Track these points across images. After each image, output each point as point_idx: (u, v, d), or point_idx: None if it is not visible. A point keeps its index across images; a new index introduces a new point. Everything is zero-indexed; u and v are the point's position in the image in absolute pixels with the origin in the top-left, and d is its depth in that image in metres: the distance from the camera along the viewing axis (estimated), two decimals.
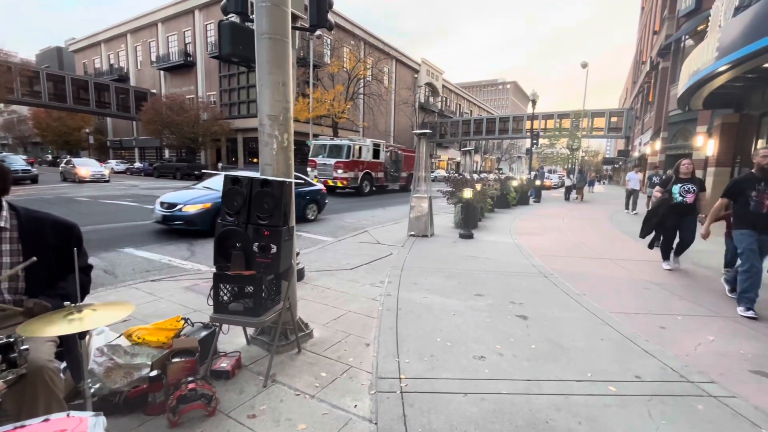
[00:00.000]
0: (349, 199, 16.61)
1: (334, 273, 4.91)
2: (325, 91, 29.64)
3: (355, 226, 9.27)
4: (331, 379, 2.42)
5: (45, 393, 1.37)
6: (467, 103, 65.86)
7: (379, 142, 20.81)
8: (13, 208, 1.69)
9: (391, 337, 3.01)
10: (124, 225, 8.25)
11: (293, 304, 2.84)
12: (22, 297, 1.66)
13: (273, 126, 2.73)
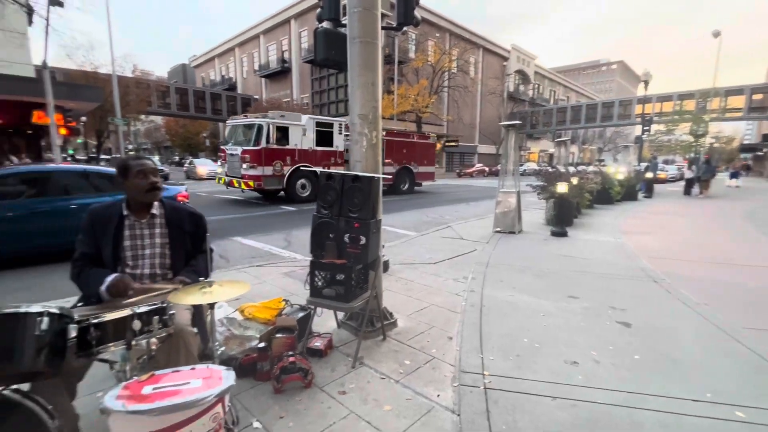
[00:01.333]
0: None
1: (417, 266, 4.99)
2: (409, 86, 29.86)
3: (439, 221, 9.25)
4: (414, 367, 2.50)
5: (184, 350, 1.68)
6: (563, 89, 60.47)
7: (332, 120, 13.37)
8: (160, 200, 2.09)
9: (474, 333, 2.98)
10: (232, 216, 9.42)
11: (379, 293, 2.99)
12: (167, 271, 2.05)
13: (363, 125, 2.89)
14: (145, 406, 0.93)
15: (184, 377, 1.08)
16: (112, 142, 31.74)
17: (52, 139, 14.12)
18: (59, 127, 14.36)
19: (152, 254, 2.00)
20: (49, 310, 1.30)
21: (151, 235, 2.02)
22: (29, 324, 1.24)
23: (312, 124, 12.45)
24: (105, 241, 1.90)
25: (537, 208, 10.16)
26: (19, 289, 4.23)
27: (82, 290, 1.87)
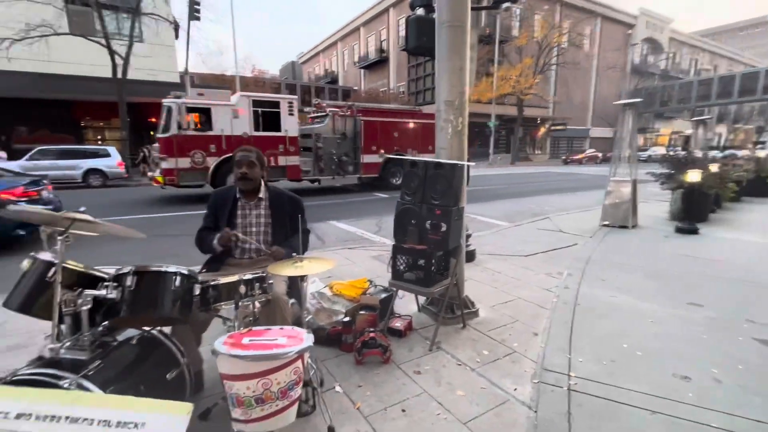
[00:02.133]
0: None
1: (506, 258, 4.79)
2: (511, 66, 27.96)
3: (535, 212, 8.64)
4: (492, 358, 2.46)
5: (280, 315, 1.94)
6: (709, 57, 49.98)
7: (277, 97, 10.63)
8: (265, 184, 2.40)
9: (563, 332, 2.78)
10: (330, 201, 10.16)
11: (460, 281, 2.98)
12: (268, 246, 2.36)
13: (449, 111, 2.86)
14: (242, 352, 1.13)
15: (274, 334, 1.28)
16: None
17: None
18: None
19: (257, 231, 2.34)
20: (181, 271, 1.63)
21: (257, 215, 2.35)
22: (168, 281, 1.58)
23: (246, 103, 9.76)
24: (222, 216, 2.28)
25: (660, 200, 8.76)
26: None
27: (201, 250, 2.29)
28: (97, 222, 1.52)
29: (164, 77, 18.09)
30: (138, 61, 15.38)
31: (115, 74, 14.73)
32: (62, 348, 1.43)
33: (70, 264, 1.53)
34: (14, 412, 1.19)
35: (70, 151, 13.67)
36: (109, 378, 1.40)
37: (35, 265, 1.55)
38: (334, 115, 11.41)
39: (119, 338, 1.63)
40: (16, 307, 1.52)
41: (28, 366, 1.38)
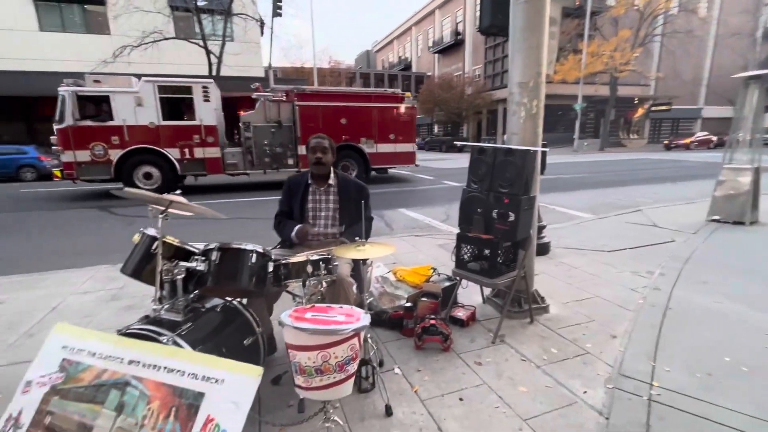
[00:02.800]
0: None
1: (586, 253, 4.41)
2: (604, 40, 25.04)
3: (625, 204, 7.77)
4: (561, 357, 2.31)
5: (343, 295, 2.05)
6: None
7: (189, 82, 9.31)
8: (335, 171, 2.51)
9: (649, 336, 2.50)
10: (400, 189, 10.25)
11: (529, 274, 2.83)
12: (337, 230, 2.48)
13: (522, 93, 2.69)
14: (304, 325, 1.23)
15: (334, 312, 1.36)
16: None
17: None
18: None
19: (326, 215, 2.47)
20: (257, 249, 1.80)
21: (326, 201, 2.48)
22: (246, 257, 1.76)
23: (151, 90, 8.65)
24: (295, 201, 2.45)
25: None
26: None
27: (279, 235, 2.48)
28: (189, 204, 1.75)
29: (251, 72, 19.64)
30: (229, 59, 16.90)
31: (211, 72, 16.38)
32: (162, 310, 1.69)
33: (168, 239, 1.78)
34: (127, 359, 1.44)
35: None
36: (197, 338, 1.62)
37: (143, 238, 1.84)
38: (264, 101, 9.83)
39: (207, 305, 1.87)
40: (129, 273, 1.82)
41: (138, 322, 1.65)
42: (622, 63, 24.51)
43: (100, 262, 4.20)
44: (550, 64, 3.27)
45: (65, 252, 4.92)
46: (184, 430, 1.27)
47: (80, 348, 1.50)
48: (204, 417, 1.27)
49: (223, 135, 9.94)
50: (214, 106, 9.34)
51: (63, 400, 1.43)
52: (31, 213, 7.66)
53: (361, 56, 65.45)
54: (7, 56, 16.51)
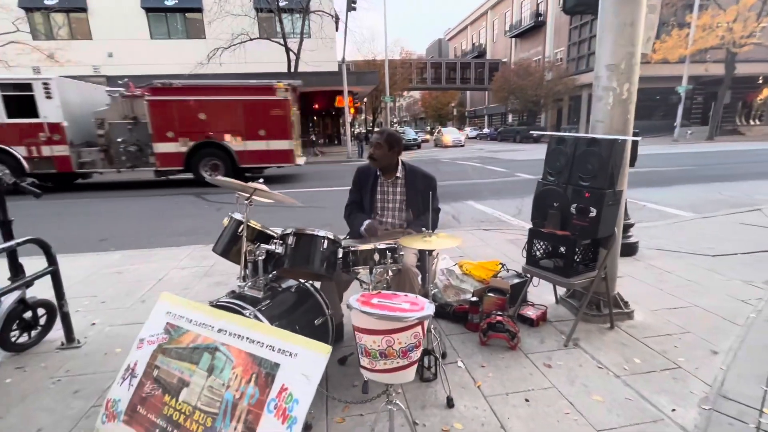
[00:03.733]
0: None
1: (683, 256, 3.90)
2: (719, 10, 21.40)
3: (740, 201, 6.68)
4: (646, 369, 2.09)
5: (409, 285, 2.08)
6: None
7: (28, 79, 9.01)
8: (403, 163, 2.53)
9: (761, 357, 2.15)
10: (469, 182, 9.97)
11: (611, 275, 2.59)
12: (404, 221, 2.51)
13: (611, 77, 2.43)
14: (370, 309, 1.27)
15: (400, 300, 1.39)
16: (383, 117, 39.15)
17: (345, 117, 18.82)
18: (350, 108, 18.83)
19: (393, 207, 2.51)
20: (328, 236, 1.90)
21: (393, 192, 2.51)
22: (318, 242, 1.87)
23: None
24: (364, 193, 2.52)
25: None
26: None
27: (350, 227, 2.56)
28: (270, 191, 1.90)
29: (326, 67, 20.46)
30: (306, 55, 17.80)
31: (289, 69, 17.40)
32: (246, 287, 1.87)
33: (252, 223, 1.96)
34: (217, 327, 1.62)
35: None
36: (274, 315, 1.77)
37: (231, 222, 2.04)
38: (120, 97, 9.42)
39: (283, 285, 2.03)
40: (219, 252, 2.04)
41: (226, 296, 1.85)
42: (743, 36, 20.77)
43: (195, 242, 4.77)
44: (647, 42, 2.92)
45: (169, 232, 5.66)
46: (262, 395, 1.41)
47: (180, 315, 1.74)
48: (279, 386, 1.39)
49: (76, 134, 9.37)
50: (57, 104, 8.88)
51: (166, 358, 1.67)
52: (142, 198, 8.93)
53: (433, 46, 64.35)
54: (125, 62, 19.25)
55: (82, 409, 1.89)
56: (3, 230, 2.28)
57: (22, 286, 2.23)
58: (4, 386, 2.07)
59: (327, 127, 27.25)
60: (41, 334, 2.49)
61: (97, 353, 2.38)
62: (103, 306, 3.05)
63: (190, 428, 1.47)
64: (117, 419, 1.62)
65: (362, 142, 20.36)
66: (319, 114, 25.42)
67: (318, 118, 25.98)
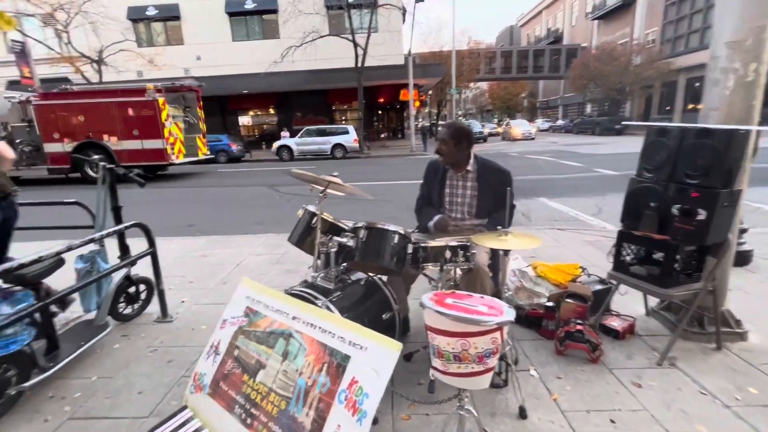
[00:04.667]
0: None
1: None
2: None
3: None
4: (764, 400, 1.77)
5: (479, 285, 1.98)
6: None
7: None
8: (475, 156, 2.42)
9: None
10: (540, 177, 9.35)
11: (720, 288, 2.23)
12: (473, 218, 2.40)
13: (732, 56, 2.07)
14: (445, 310, 1.22)
15: (475, 301, 1.32)
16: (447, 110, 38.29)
17: (409, 110, 18.71)
18: (415, 101, 18.68)
19: (462, 202, 2.40)
20: (399, 231, 1.87)
21: (463, 187, 2.41)
22: (389, 237, 1.85)
23: None
24: (433, 187, 2.45)
25: None
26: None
27: (419, 221, 2.52)
28: (344, 185, 1.92)
29: (392, 61, 20.49)
30: (373, 50, 17.93)
31: (356, 63, 17.70)
32: (318, 277, 1.92)
33: (325, 215, 2.00)
34: (291, 314, 1.68)
35: (324, 130, 17.74)
36: (344, 306, 1.79)
37: (305, 213, 2.11)
38: (17, 102, 10.47)
39: (353, 278, 2.05)
40: (294, 242, 2.12)
41: (299, 285, 1.91)
42: None
43: (267, 230, 5.07)
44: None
45: (245, 220, 6.10)
46: (333, 385, 1.43)
47: (258, 300, 1.83)
48: (350, 378, 1.40)
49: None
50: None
51: (246, 339, 1.77)
52: (222, 189, 9.75)
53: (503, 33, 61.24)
54: (210, 64, 21.06)
55: (174, 378, 2.09)
56: (114, 215, 2.60)
57: (128, 264, 2.53)
58: (114, 351, 2.38)
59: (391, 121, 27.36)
60: (141, 308, 2.82)
61: (186, 328, 2.63)
62: (191, 285, 3.37)
63: (266, 408, 1.54)
64: (203, 391, 1.77)
65: (426, 135, 20.14)
66: (383, 108, 25.62)
67: (382, 112, 26.20)
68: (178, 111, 11.73)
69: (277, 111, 24.32)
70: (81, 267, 2.45)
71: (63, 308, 2.42)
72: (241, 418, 1.59)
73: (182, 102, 11.97)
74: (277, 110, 24.30)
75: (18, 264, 1.69)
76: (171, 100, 11.33)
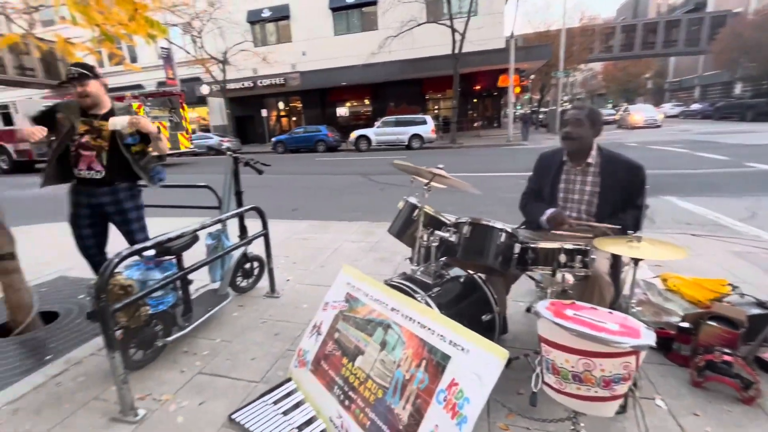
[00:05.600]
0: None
1: None
2: None
3: None
4: None
5: (598, 295, 1.74)
6: None
7: None
8: (599, 148, 2.12)
9: None
10: (668, 172, 7.98)
11: None
12: (591, 218, 2.12)
13: None
14: (566, 323, 1.08)
15: (602, 316, 1.14)
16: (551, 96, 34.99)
17: (508, 97, 17.57)
18: (515, 87, 17.47)
19: (579, 200, 2.13)
20: (506, 229, 1.74)
21: (582, 182, 2.13)
22: (495, 235, 1.73)
23: None
24: (545, 181, 2.22)
25: None
26: None
27: (526, 217, 2.31)
28: (449, 177, 1.85)
29: (492, 45, 19.40)
30: (471, 34, 17.17)
31: (453, 50, 17.16)
32: (417, 271, 1.89)
33: (427, 208, 1.95)
34: (390, 306, 1.68)
35: (401, 120, 17.74)
36: (443, 303, 1.74)
37: (406, 205, 2.09)
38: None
39: (451, 274, 1.98)
40: (394, 234, 2.13)
41: (398, 277, 1.91)
42: None
43: (362, 218, 5.26)
44: None
45: (342, 207, 6.43)
46: (431, 383, 1.39)
47: (358, 288, 1.88)
48: (449, 379, 1.35)
49: None
50: None
51: (346, 324, 1.84)
52: (321, 176, 10.42)
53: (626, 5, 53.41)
54: (313, 59, 22.49)
55: (281, 349, 2.29)
56: (237, 199, 2.93)
57: (246, 243, 2.84)
58: (232, 318, 2.70)
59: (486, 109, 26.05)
60: (254, 283, 3.15)
61: (290, 305, 2.87)
62: (294, 266, 3.66)
63: (364, 394, 1.58)
64: (306, 367, 1.89)
65: (527, 123, 18.76)
66: (479, 95, 24.51)
67: (477, 100, 25.05)
68: (164, 112, 14.29)
69: (372, 101, 25.02)
70: (210, 243, 2.83)
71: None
72: (339, 398, 1.66)
73: (168, 104, 14.50)
74: (372, 101, 24.99)
75: (167, 238, 2.00)
76: (158, 104, 14.11)
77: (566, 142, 2.10)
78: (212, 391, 1.96)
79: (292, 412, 1.72)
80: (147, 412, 1.82)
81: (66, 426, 1.77)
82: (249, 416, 1.71)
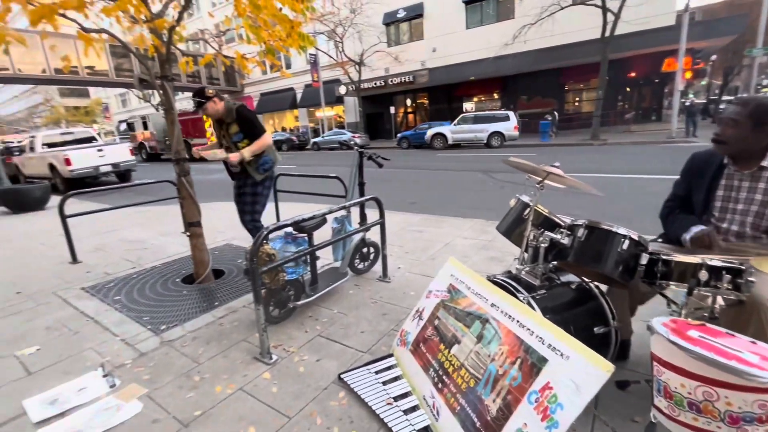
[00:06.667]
0: None
1: None
2: None
3: None
4: None
5: (756, 326, 1.42)
6: None
7: None
8: None
9: None
10: None
11: None
12: (762, 234, 1.71)
13: None
14: (686, 344, 0.95)
15: (740, 345, 0.96)
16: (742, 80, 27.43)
17: (675, 84, 14.60)
18: (685, 71, 14.44)
19: (745, 210, 1.73)
20: (631, 235, 1.56)
21: (750, 189, 1.73)
22: (616, 241, 1.57)
23: None
24: (698, 187, 1.87)
25: None
26: None
27: (665, 230, 1.98)
28: (566, 176, 1.74)
29: (657, 23, 16.40)
30: (628, 13, 14.79)
31: (603, 33, 15.07)
32: (523, 270, 1.85)
33: (539, 208, 1.88)
34: (490, 301, 1.70)
35: (481, 116, 16.22)
36: (547, 307, 1.67)
37: (517, 204, 2.04)
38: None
39: (562, 279, 1.87)
40: (502, 232, 2.10)
41: (502, 274, 1.90)
42: None
43: (477, 215, 5.18)
44: None
45: (457, 204, 6.43)
46: (524, 382, 1.38)
47: (461, 280, 1.94)
48: (544, 381, 1.32)
49: None
50: None
51: (446, 313, 1.93)
52: (441, 172, 10.51)
53: None
54: (443, 54, 22.55)
55: (386, 328, 2.51)
56: (360, 189, 3.26)
57: (365, 229, 3.15)
58: (348, 295, 3.05)
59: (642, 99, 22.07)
60: (369, 266, 3.47)
61: (398, 290, 3.08)
62: (406, 255, 3.87)
63: (456, 381, 1.65)
64: (406, 347, 2.05)
65: (694, 116, 15.36)
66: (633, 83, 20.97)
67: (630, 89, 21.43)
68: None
69: (501, 95, 23.87)
70: (335, 226, 3.23)
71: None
72: (434, 380, 1.76)
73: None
74: (501, 94, 23.85)
75: (302, 219, 2.40)
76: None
77: (716, 146, 1.74)
78: (327, 352, 2.29)
79: (390, 384, 1.90)
80: (278, 358, 2.24)
81: (225, 356, 2.31)
82: (355, 378, 1.96)
